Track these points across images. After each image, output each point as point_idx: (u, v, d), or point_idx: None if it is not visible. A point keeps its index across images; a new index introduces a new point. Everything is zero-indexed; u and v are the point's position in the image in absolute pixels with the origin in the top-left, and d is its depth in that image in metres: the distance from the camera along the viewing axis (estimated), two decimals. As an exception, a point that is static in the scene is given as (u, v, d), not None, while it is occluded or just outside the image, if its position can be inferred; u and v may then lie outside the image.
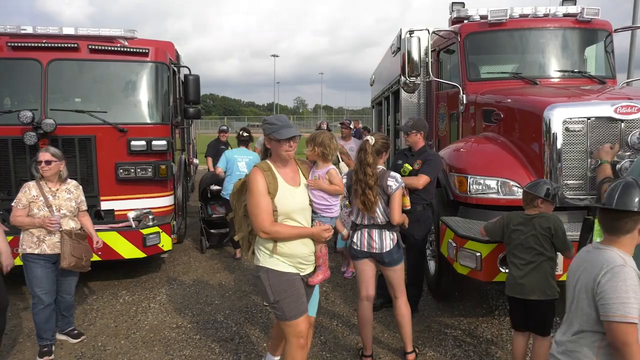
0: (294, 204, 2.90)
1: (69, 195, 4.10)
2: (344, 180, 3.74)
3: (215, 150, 8.70)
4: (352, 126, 8.12)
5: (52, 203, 3.97)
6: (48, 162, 3.97)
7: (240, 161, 6.66)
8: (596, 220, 2.95)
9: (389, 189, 3.54)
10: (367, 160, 3.51)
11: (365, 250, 3.64)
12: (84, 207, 4.26)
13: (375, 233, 3.61)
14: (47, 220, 3.88)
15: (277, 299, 2.87)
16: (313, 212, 3.05)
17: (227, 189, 6.63)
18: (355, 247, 3.69)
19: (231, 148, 8.12)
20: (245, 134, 6.96)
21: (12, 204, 3.94)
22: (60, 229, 3.94)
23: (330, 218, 3.11)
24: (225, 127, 9.61)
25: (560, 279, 3.70)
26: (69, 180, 4.20)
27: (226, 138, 9.29)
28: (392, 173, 3.64)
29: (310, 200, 3.03)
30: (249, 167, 6.59)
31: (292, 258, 2.91)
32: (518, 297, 3.28)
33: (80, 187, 4.27)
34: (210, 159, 8.68)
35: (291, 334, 2.91)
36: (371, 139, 3.63)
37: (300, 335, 2.91)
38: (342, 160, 6.29)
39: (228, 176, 6.65)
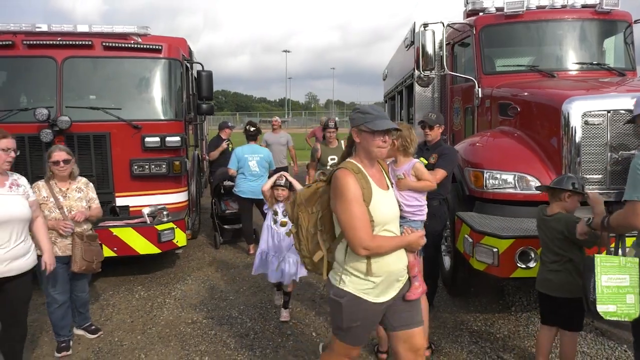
0: (390, 211, 2.47)
1: (80, 195, 4.00)
2: None
3: (215, 147, 8.34)
4: None
5: (62, 204, 3.87)
6: (67, 162, 3.88)
7: (251, 160, 6.55)
8: (598, 259, 2.77)
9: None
10: None
11: None
12: (95, 204, 4.12)
13: None
14: (61, 224, 3.81)
15: (348, 326, 2.49)
16: (401, 217, 2.67)
17: (240, 187, 6.62)
18: None
19: (232, 146, 8.04)
20: (252, 129, 6.77)
21: None
22: (73, 232, 3.86)
23: (420, 221, 2.84)
24: (230, 124, 8.74)
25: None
26: (78, 177, 4.10)
27: (227, 135, 8.47)
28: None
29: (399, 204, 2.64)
30: (260, 165, 6.53)
31: (389, 276, 2.45)
32: (545, 293, 3.25)
33: (91, 184, 4.17)
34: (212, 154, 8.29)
35: (341, 353, 2.65)
36: None
37: (350, 356, 2.68)
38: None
39: (240, 174, 6.60)
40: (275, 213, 4.47)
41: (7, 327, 3.23)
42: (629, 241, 2.90)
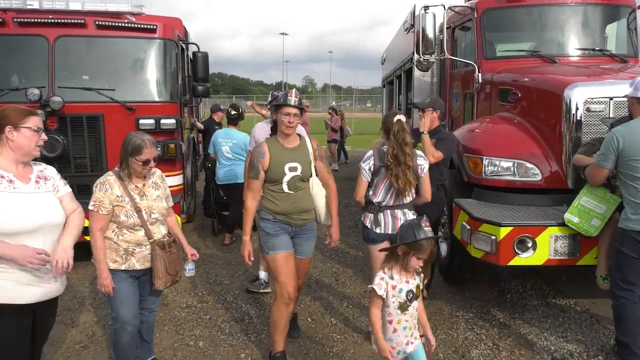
0: None
1: (158, 192, 3.09)
2: (371, 162, 3.46)
3: (207, 130, 8.06)
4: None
5: (140, 206, 2.97)
6: (156, 159, 3.00)
7: (224, 145, 6.28)
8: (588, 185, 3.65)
9: (419, 168, 3.47)
10: (406, 139, 3.37)
11: (390, 232, 3.49)
12: (171, 202, 3.27)
13: (399, 213, 3.50)
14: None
15: None
16: None
17: (218, 176, 6.42)
18: (377, 230, 3.52)
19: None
20: (233, 112, 6.52)
21: (90, 207, 2.89)
22: (151, 240, 3.03)
23: None
24: (223, 107, 8.43)
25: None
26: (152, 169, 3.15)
27: (220, 118, 8.30)
28: (419, 152, 3.59)
29: None
30: (234, 151, 6.27)
31: None
32: None
33: (164, 175, 3.27)
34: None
35: None
36: (403, 117, 3.47)
37: None
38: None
39: (217, 162, 6.40)
40: None
41: None
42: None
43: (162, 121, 5.49)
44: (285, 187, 3.33)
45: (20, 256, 2.27)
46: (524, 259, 3.70)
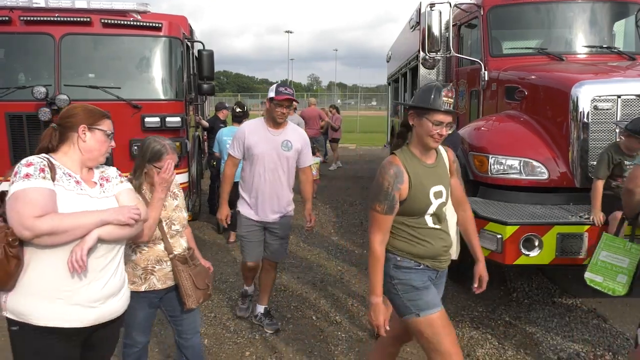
0: None
1: (176, 202, 2.80)
2: None
3: (212, 128, 8.09)
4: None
5: (160, 217, 2.66)
6: (176, 166, 2.71)
7: (228, 142, 6.10)
8: (605, 236, 3.28)
9: None
10: None
11: None
12: (187, 212, 3.01)
13: None
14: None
15: None
16: None
17: (221, 172, 6.42)
18: None
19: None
20: (238, 110, 6.49)
21: None
22: (171, 256, 2.70)
23: None
24: (228, 105, 8.41)
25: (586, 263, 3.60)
26: None
27: (224, 116, 8.26)
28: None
29: None
30: None
31: None
32: None
33: (179, 184, 2.98)
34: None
35: None
36: None
37: None
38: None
39: (222, 160, 6.36)
40: None
41: None
42: (628, 229, 3.28)
43: (168, 119, 5.51)
44: (429, 221, 2.40)
45: (113, 217, 2.01)
46: (530, 258, 3.67)
